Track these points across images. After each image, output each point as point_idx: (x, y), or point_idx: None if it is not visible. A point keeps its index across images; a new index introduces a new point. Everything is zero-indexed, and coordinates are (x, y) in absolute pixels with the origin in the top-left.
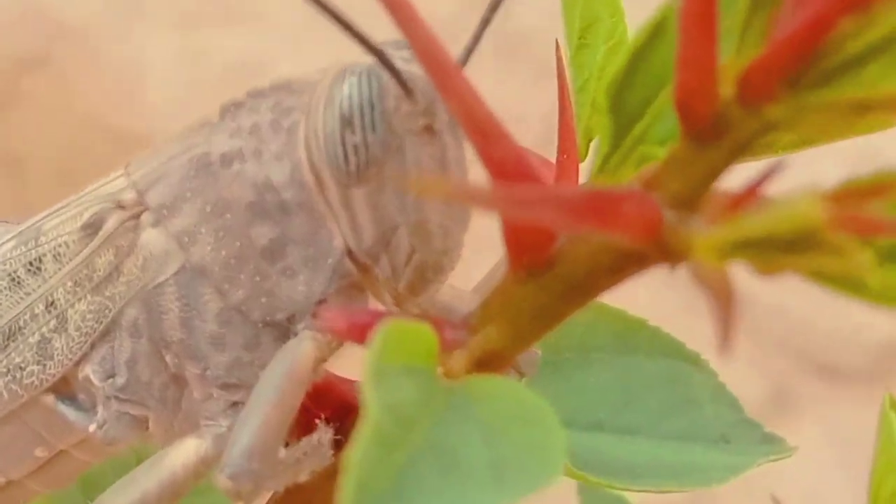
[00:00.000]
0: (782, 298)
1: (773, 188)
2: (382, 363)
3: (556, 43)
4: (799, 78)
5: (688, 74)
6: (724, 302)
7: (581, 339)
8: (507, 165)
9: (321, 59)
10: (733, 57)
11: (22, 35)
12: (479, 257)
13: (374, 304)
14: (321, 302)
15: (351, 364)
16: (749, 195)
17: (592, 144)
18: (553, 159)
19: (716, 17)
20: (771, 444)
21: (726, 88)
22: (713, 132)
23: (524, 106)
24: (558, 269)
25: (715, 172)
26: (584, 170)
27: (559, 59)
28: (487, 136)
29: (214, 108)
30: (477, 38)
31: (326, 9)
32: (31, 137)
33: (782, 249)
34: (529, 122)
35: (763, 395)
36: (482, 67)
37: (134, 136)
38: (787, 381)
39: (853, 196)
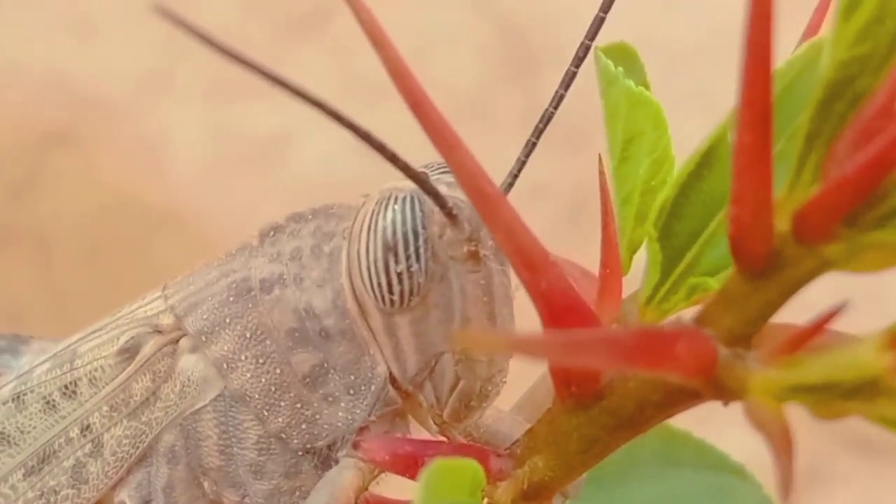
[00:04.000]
0: None
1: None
2: (431, 500)
3: (599, 158)
4: (857, 217)
5: (742, 210)
6: (781, 444)
7: (626, 452)
8: (555, 296)
9: (348, 135)
10: (788, 191)
11: (47, 109)
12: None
13: (417, 430)
14: (363, 429)
15: (395, 485)
16: (810, 333)
17: (638, 266)
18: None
19: (771, 151)
20: None
21: (782, 223)
22: (769, 269)
23: (554, 176)
24: (607, 401)
25: (770, 308)
26: (627, 283)
27: (601, 173)
28: (534, 267)
29: (242, 182)
30: (533, 145)
31: (366, 136)
32: (57, 214)
33: (843, 395)
34: (559, 192)
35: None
36: (512, 138)
37: (161, 212)
38: (819, 455)
39: None
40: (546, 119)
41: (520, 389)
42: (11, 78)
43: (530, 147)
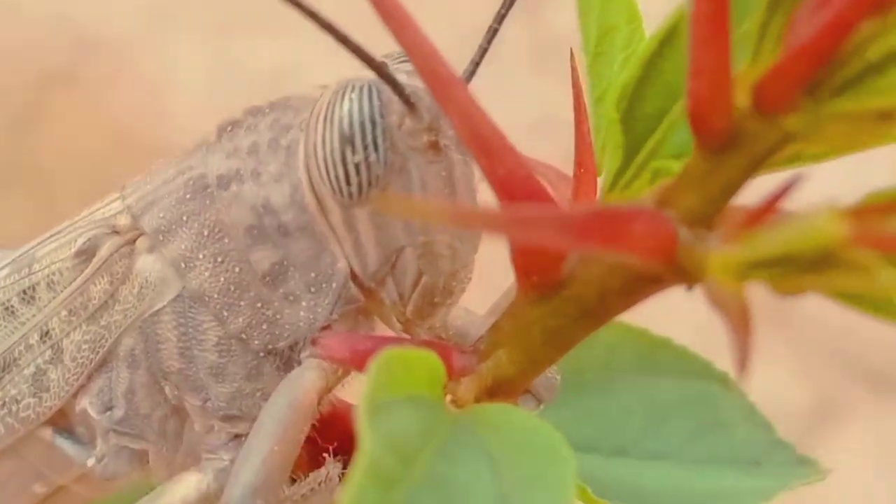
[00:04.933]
0: (824, 303)
1: (793, 202)
2: (381, 394)
3: (571, 52)
4: (818, 86)
5: (700, 84)
6: (741, 324)
7: (603, 360)
8: (514, 183)
9: (354, 67)
10: (748, 65)
11: (49, 48)
12: (490, 280)
13: (382, 330)
14: (326, 328)
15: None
16: (767, 211)
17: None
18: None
19: (728, 23)
20: (805, 467)
21: (742, 98)
22: (729, 144)
23: (560, 109)
24: (569, 290)
25: (732, 187)
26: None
27: (574, 69)
28: (492, 152)
29: None
30: (483, 50)
31: (321, 21)
32: (59, 152)
33: (802, 269)
34: (563, 125)
35: (807, 405)
36: (517, 72)
37: (164, 150)
38: (831, 389)
39: (875, 211)
40: (490, 36)
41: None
42: (11, 17)
43: (500, 19)
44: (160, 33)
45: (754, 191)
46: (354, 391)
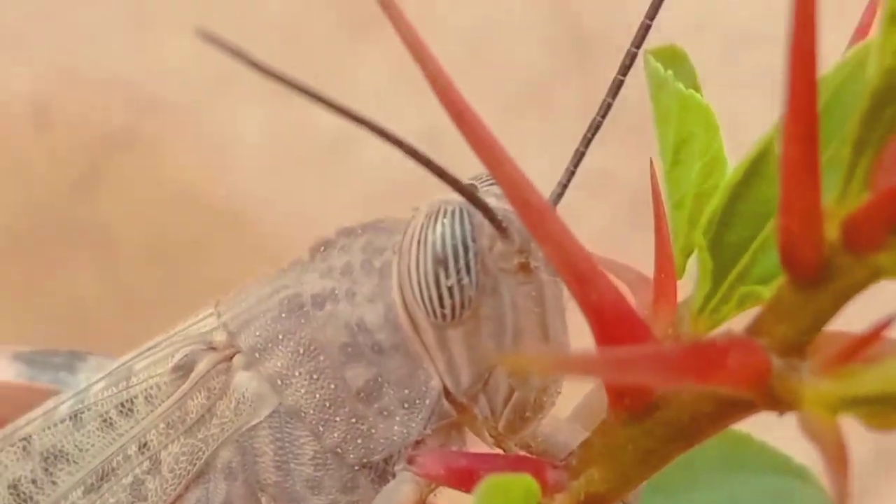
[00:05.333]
0: None
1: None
2: None
3: (651, 162)
4: None
5: (791, 219)
6: (836, 456)
7: (685, 457)
8: (605, 308)
9: (413, 130)
10: (837, 199)
11: (110, 109)
12: None
13: (473, 442)
14: (419, 443)
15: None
16: (865, 342)
17: (692, 277)
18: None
19: (818, 159)
20: None
21: (831, 232)
22: (819, 278)
23: (615, 169)
24: (661, 413)
25: (823, 317)
26: (682, 287)
27: (653, 177)
28: (584, 279)
29: (306, 182)
30: (571, 174)
31: (410, 150)
32: (122, 216)
33: None
34: (620, 185)
35: (868, 455)
36: (571, 127)
37: (224, 209)
38: (892, 440)
39: None
40: (603, 112)
41: (576, 395)
42: (73, 79)
43: (587, 142)
44: (219, 94)
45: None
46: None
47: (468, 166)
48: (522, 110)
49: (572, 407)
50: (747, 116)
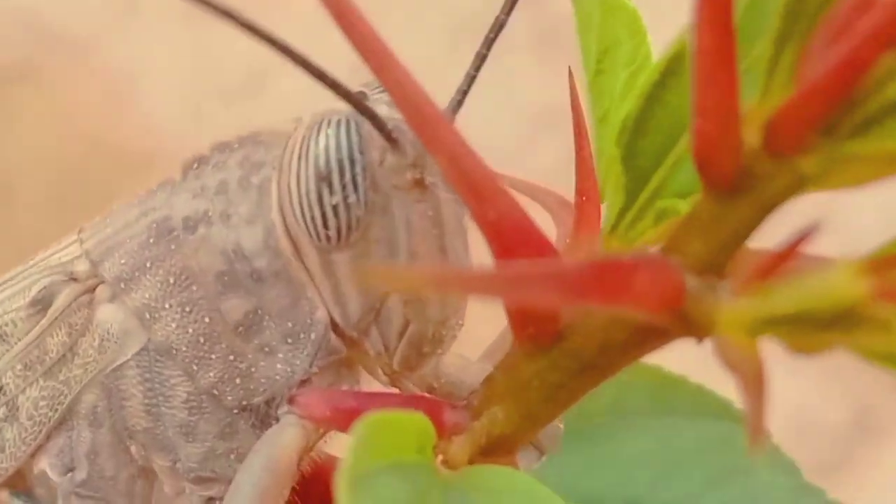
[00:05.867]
0: None
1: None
2: (364, 464)
3: (569, 70)
4: (835, 125)
5: (706, 123)
6: (754, 384)
7: (611, 402)
8: (505, 227)
9: (340, 58)
10: (758, 101)
11: (4, 43)
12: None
13: (367, 382)
14: (305, 382)
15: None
16: (783, 258)
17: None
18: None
19: (735, 56)
20: None
21: (752, 137)
22: (739, 187)
23: (565, 100)
24: (569, 343)
25: (742, 232)
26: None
27: (573, 88)
28: (481, 194)
29: (225, 118)
30: (470, 82)
31: (293, 54)
32: (20, 157)
33: (821, 326)
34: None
35: (845, 419)
36: (518, 58)
37: (135, 153)
38: (870, 402)
39: None
40: (497, 28)
41: (488, 336)
42: None
43: (480, 59)
44: (125, 19)
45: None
46: (341, 444)
47: None
48: (458, 38)
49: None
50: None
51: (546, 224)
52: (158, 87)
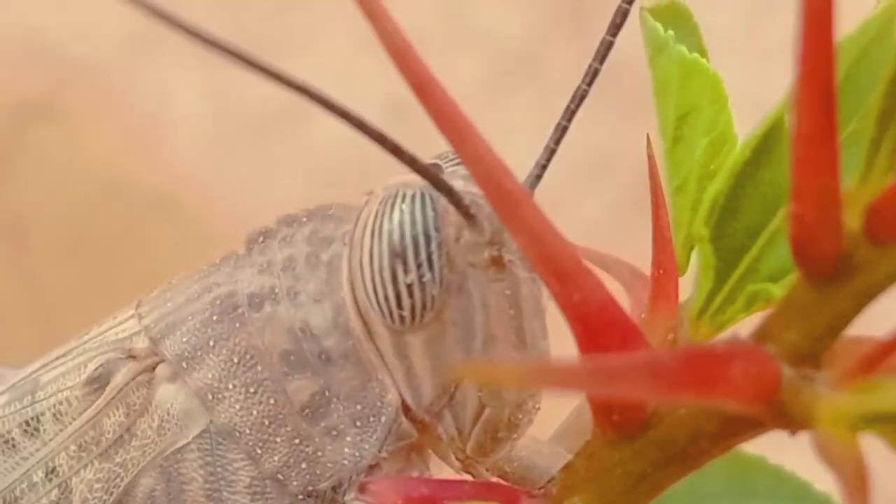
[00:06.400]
0: None
1: None
2: None
3: (648, 138)
4: None
5: (804, 205)
6: (855, 481)
7: (689, 484)
8: (589, 310)
9: (373, 100)
10: (859, 182)
11: (25, 77)
12: None
13: (438, 467)
14: (373, 467)
15: None
16: (886, 350)
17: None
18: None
19: (835, 134)
20: None
21: (852, 221)
22: (838, 274)
23: (617, 150)
24: (654, 432)
25: (842, 321)
26: (686, 285)
27: (650, 157)
28: (565, 277)
29: (250, 160)
30: (551, 152)
31: (367, 128)
32: (36, 198)
33: None
34: (623, 168)
35: None
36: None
37: (155, 194)
38: None
39: None
40: (589, 80)
41: (560, 414)
42: None
43: (570, 115)
44: (148, 58)
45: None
46: None
47: (438, 144)
48: (507, 82)
49: (555, 428)
50: (766, 91)
51: (618, 294)
52: (181, 127)
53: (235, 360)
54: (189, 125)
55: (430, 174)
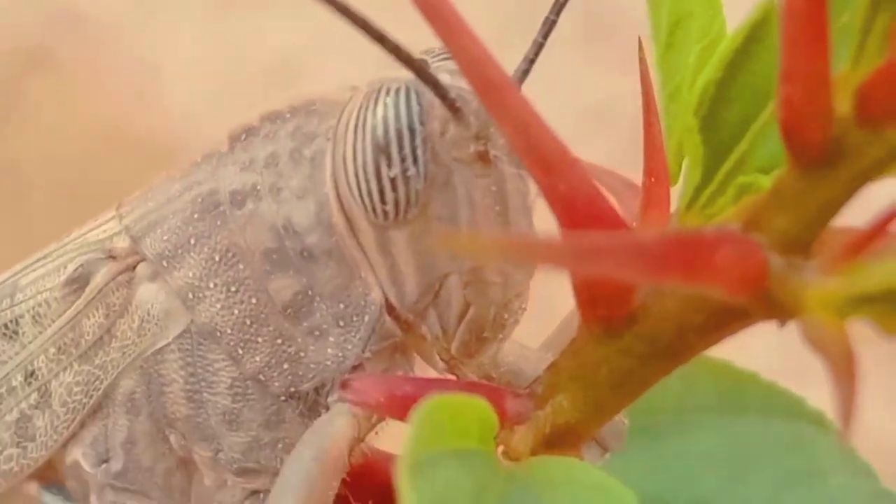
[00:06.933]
0: None
1: None
2: (424, 448)
3: (639, 42)
4: None
5: (794, 90)
6: (844, 368)
7: (678, 399)
8: (577, 202)
9: (376, 53)
10: (850, 66)
11: (23, 27)
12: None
13: (422, 369)
14: (356, 368)
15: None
16: (875, 234)
17: (684, 167)
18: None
19: (827, 19)
20: None
21: (842, 105)
22: (828, 159)
23: (615, 97)
24: (642, 326)
25: (831, 207)
26: (677, 194)
27: (642, 62)
28: (552, 166)
29: (250, 112)
30: (539, 46)
31: (352, 14)
32: (35, 147)
33: None
34: (620, 115)
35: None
36: (566, 54)
37: (155, 145)
38: None
39: None
40: (547, 29)
41: (549, 324)
42: None
43: (559, 8)
44: (147, 8)
45: (859, 202)
46: (391, 438)
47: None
48: (505, 34)
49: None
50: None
51: None
52: (181, 78)
53: (217, 259)
54: (189, 75)
55: (415, 65)
